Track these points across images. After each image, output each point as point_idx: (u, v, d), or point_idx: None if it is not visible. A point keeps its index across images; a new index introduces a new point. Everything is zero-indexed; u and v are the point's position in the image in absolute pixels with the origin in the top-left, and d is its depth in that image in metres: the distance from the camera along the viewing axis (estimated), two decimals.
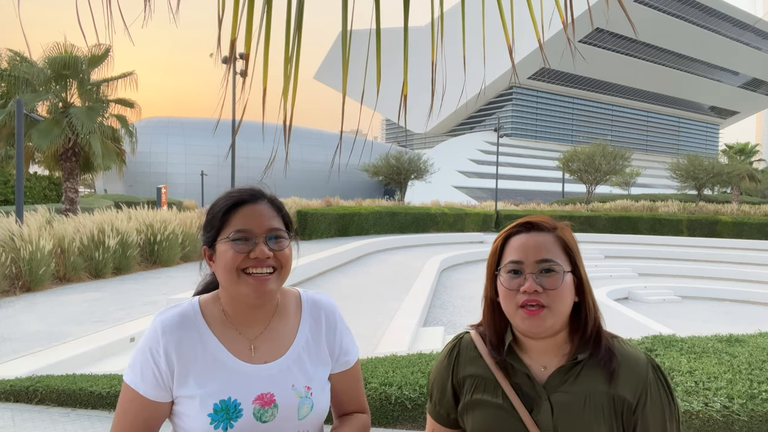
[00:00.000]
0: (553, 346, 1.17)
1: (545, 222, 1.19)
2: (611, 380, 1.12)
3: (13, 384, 4.93)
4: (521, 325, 1.12)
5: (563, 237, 1.17)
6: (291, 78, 1.09)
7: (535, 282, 1.10)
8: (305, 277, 13.18)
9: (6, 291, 9.89)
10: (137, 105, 19.71)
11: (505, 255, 1.18)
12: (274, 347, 1.22)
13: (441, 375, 1.28)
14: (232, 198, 1.19)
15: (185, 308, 1.21)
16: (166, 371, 1.14)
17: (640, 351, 1.19)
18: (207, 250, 1.21)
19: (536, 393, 1.14)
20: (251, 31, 1.03)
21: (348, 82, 1.09)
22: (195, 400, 1.13)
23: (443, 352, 1.32)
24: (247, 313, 1.21)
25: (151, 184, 45.53)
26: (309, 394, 1.20)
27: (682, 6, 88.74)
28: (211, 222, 1.20)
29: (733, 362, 4.04)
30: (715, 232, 25.93)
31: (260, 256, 1.13)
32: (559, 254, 1.15)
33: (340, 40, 1.07)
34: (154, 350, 1.14)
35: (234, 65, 1.94)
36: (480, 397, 1.18)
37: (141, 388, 1.13)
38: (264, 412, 1.14)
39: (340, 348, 1.32)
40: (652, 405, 1.12)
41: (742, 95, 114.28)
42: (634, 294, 16.37)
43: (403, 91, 1.22)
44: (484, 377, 1.20)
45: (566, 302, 1.12)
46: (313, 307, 1.32)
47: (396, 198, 37.87)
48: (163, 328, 1.16)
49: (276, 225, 1.19)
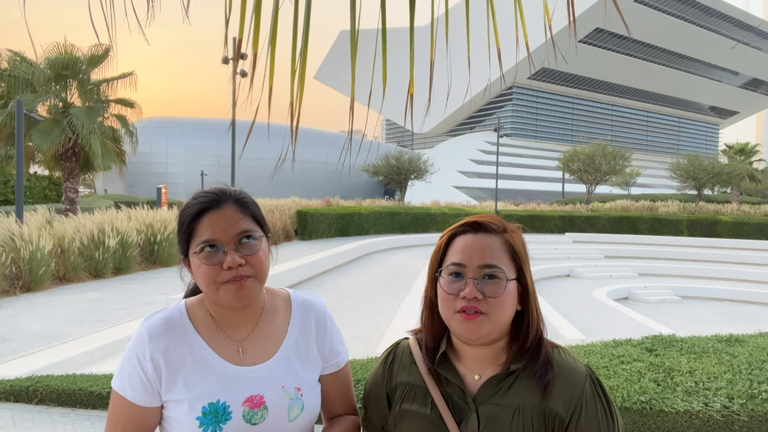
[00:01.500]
0: (490, 355, 1.11)
1: (494, 223, 1.13)
2: (545, 393, 1.06)
3: (13, 384, 4.93)
4: (457, 329, 1.07)
5: (512, 241, 1.11)
6: (296, 76, 1.08)
7: (476, 288, 1.05)
8: (305, 277, 13.18)
9: (6, 291, 9.89)
10: (137, 105, 19.73)
11: (447, 255, 1.12)
12: (262, 348, 1.20)
13: (376, 383, 1.23)
14: (197, 206, 1.16)
15: (171, 312, 1.19)
16: (154, 376, 1.12)
17: (582, 363, 1.12)
18: (184, 260, 1.19)
19: (466, 404, 1.09)
20: (258, 31, 1.02)
21: (349, 82, 1.09)
22: (183, 404, 1.11)
23: (380, 358, 1.27)
24: (233, 315, 1.19)
25: (151, 184, 45.54)
26: (299, 395, 1.19)
27: (683, 6, 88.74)
28: (179, 232, 1.18)
29: (733, 362, 4.04)
30: (715, 232, 25.93)
31: (232, 265, 1.11)
32: (504, 260, 1.08)
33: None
34: (141, 356, 1.13)
35: (235, 65, 1.94)
36: (409, 408, 1.14)
37: (129, 394, 1.12)
38: (254, 414, 1.13)
39: (331, 349, 1.30)
40: (587, 421, 1.05)
41: (742, 95, 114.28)
42: (634, 294, 16.37)
43: (409, 91, 1.21)
44: (415, 385, 1.15)
45: (507, 311, 1.06)
46: (303, 307, 1.30)
47: (396, 198, 37.88)
48: (150, 333, 1.14)
49: (244, 227, 1.15)
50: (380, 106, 1.59)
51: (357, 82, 1.18)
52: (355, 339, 7.79)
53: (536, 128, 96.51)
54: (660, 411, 3.26)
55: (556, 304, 12.18)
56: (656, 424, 3.26)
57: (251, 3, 1.03)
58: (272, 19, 1.03)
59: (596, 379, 1.10)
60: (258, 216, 1.21)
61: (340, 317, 11.90)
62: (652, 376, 3.76)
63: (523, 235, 1.15)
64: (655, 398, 3.36)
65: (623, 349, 4.54)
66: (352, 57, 1.11)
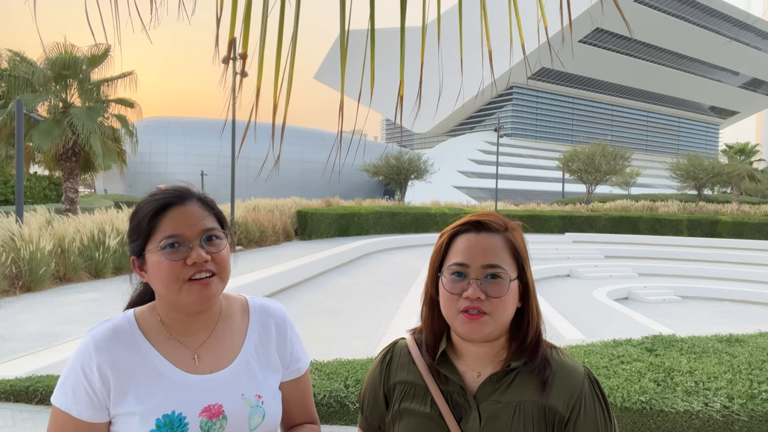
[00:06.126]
0: (490, 352, 1.12)
1: (496, 222, 1.13)
2: (544, 389, 1.07)
3: (13, 384, 4.93)
4: (461, 329, 1.07)
5: (513, 240, 1.11)
6: (284, 74, 1.08)
7: (479, 288, 1.04)
8: (305, 277, 13.18)
9: (6, 291, 9.88)
10: (137, 105, 19.74)
11: (449, 255, 1.11)
12: (220, 356, 1.16)
13: (373, 382, 1.23)
14: (158, 201, 1.10)
15: (118, 322, 1.12)
16: (101, 389, 1.06)
17: (579, 363, 1.14)
18: (136, 261, 1.12)
19: (466, 402, 1.09)
20: (248, 31, 1.02)
21: (350, 82, 1.09)
22: (134, 417, 1.05)
23: (377, 358, 1.26)
24: (188, 321, 1.14)
25: (151, 184, 45.22)
26: (260, 402, 1.14)
27: (683, 6, 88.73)
28: (136, 230, 1.10)
29: (733, 362, 4.04)
30: (715, 232, 25.93)
31: (198, 261, 1.06)
32: (506, 259, 1.08)
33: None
34: (86, 368, 1.06)
35: (234, 65, 1.94)
36: (408, 406, 1.14)
37: (74, 409, 1.05)
38: (212, 424, 1.08)
39: (291, 355, 1.26)
40: (585, 420, 1.07)
41: (742, 95, 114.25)
42: (634, 294, 16.38)
43: (399, 92, 1.21)
44: (414, 384, 1.15)
45: (509, 310, 1.07)
46: (262, 313, 1.25)
47: (396, 198, 37.89)
48: (96, 344, 1.07)
49: (210, 225, 1.11)
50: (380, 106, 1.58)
51: (357, 82, 1.17)
52: (355, 339, 7.80)
53: (536, 128, 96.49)
54: (660, 411, 3.26)
55: (556, 304, 12.18)
56: (656, 424, 3.26)
57: (242, 3, 1.03)
58: (262, 20, 1.03)
59: (594, 379, 1.11)
60: (221, 217, 1.17)
61: (340, 317, 11.88)
62: (652, 376, 3.76)
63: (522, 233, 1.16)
64: (655, 398, 3.36)
65: (623, 349, 4.55)
66: (342, 57, 1.11)
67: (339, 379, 4.18)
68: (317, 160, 51.24)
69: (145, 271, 1.11)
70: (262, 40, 1.04)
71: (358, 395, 1.27)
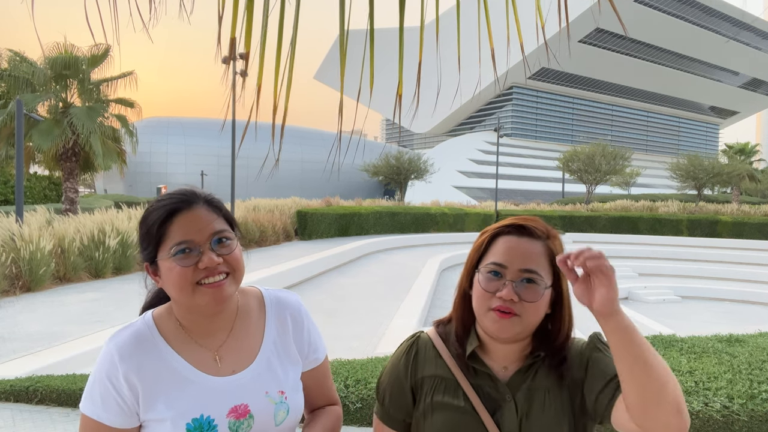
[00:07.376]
0: (516, 350, 1.15)
1: (538, 228, 1.14)
2: (563, 380, 1.13)
3: (13, 384, 4.93)
4: (490, 326, 1.09)
5: (553, 248, 1.13)
6: (284, 74, 1.08)
7: (514, 290, 1.07)
8: (305, 277, 13.19)
9: (6, 291, 9.88)
10: (137, 105, 19.75)
11: (489, 253, 1.14)
12: (241, 355, 1.16)
13: (398, 376, 1.22)
14: (165, 208, 1.10)
15: (139, 328, 1.12)
16: (130, 397, 1.07)
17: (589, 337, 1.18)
18: (149, 267, 1.12)
19: (499, 393, 1.12)
20: (250, 30, 1.02)
21: (350, 82, 1.08)
22: (166, 423, 1.06)
23: (399, 351, 1.26)
24: (206, 323, 1.14)
25: (151, 184, 45.55)
26: (284, 398, 1.16)
27: (683, 6, 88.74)
28: (146, 237, 1.11)
29: (733, 362, 4.04)
30: (715, 232, 25.93)
31: (210, 265, 1.06)
32: (544, 266, 1.10)
33: None
34: (113, 378, 1.06)
35: (235, 64, 1.94)
36: (440, 400, 1.15)
37: (104, 417, 1.06)
38: (240, 424, 1.10)
39: (309, 345, 1.27)
40: (597, 364, 1.10)
41: (742, 95, 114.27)
42: (634, 294, 16.38)
43: (398, 91, 1.21)
44: (444, 378, 1.16)
45: (539, 315, 1.10)
46: (278, 306, 1.26)
47: (396, 198, 37.88)
48: (120, 353, 1.07)
49: (219, 227, 1.11)
50: (379, 106, 1.58)
51: (356, 82, 1.17)
52: (355, 339, 7.79)
53: (536, 128, 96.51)
54: None
55: None
56: None
57: (243, 3, 1.02)
58: (263, 19, 1.03)
59: (599, 338, 1.14)
60: (229, 217, 1.17)
61: (340, 317, 11.86)
62: None
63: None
64: None
65: None
66: (341, 57, 1.11)
67: (339, 379, 4.18)
68: (317, 160, 51.24)
69: (159, 277, 1.11)
70: (263, 40, 1.04)
71: (377, 389, 1.27)
